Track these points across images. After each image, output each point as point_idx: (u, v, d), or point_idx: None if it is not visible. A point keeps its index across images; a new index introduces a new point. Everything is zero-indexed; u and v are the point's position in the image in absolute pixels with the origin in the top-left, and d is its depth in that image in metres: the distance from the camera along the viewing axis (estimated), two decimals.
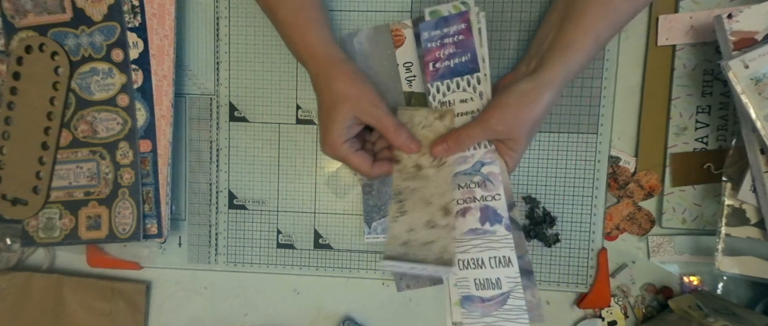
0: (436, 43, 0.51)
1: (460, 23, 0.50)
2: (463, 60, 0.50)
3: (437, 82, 0.51)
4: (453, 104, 0.50)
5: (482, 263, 0.44)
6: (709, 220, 0.54)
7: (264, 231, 0.60)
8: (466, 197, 0.46)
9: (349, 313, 0.60)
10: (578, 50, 0.45)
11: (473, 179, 0.46)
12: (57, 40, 0.55)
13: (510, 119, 0.45)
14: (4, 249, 0.61)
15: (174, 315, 0.61)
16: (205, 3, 0.58)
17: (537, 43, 0.50)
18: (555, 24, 0.48)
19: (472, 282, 0.44)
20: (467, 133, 0.47)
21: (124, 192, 0.56)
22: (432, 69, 0.51)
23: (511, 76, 0.50)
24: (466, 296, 0.44)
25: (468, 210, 0.46)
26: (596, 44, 0.46)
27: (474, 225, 0.45)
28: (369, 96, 0.47)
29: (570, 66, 0.45)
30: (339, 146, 0.48)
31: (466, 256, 0.44)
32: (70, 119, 0.56)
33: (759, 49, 0.46)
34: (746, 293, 0.55)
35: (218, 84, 0.58)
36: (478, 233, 0.45)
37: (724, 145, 0.53)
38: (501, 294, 0.44)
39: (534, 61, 0.48)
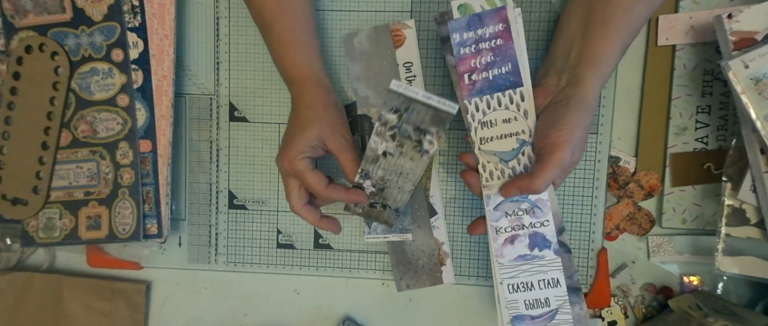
0: (471, 48, 0.45)
1: (498, 23, 0.44)
2: (503, 71, 0.45)
3: (476, 99, 0.45)
4: (495, 125, 0.45)
5: (532, 286, 0.45)
6: (709, 220, 0.54)
7: (264, 231, 0.60)
8: (514, 225, 0.45)
9: (349, 313, 0.60)
10: (608, 60, 0.45)
11: (521, 206, 0.46)
12: (57, 40, 0.55)
13: (578, 150, 0.44)
14: (4, 249, 0.61)
15: (174, 315, 0.61)
16: (205, 3, 0.58)
17: (561, 54, 0.48)
18: (578, 33, 0.46)
19: (522, 303, 0.45)
20: (543, 178, 0.43)
21: (124, 192, 0.56)
22: (468, 82, 0.45)
23: (543, 91, 0.46)
24: (517, 316, 0.45)
25: (517, 237, 0.45)
26: (622, 50, 0.46)
27: (523, 251, 0.45)
28: (343, 129, 0.49)
29: (603, 76, 0.45)
30: (297, 161, 0.47)
31: (515, 281, 0.45)
32: (70, 119, 0.56)
33: (759, 49, 0.46)
34: (746, 293, 0.55)
35: (218, 84, 0.58)
36: (527, 259, 0.46)
37: (724, 145, 0.53)
38: (549, 311, 0.45)
39: (564, 75, 0.46)
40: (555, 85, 0.47)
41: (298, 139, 0.47)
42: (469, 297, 0.58)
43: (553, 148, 0.43)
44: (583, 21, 0.46)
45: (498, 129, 0.45)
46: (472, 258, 0.58)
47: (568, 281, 0.46)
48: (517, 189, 0.45)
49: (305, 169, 0.47)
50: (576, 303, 0.46)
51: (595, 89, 0.45)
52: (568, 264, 0.46)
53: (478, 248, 0.58)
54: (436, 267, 0.57)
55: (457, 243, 0.58)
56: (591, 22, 0.46)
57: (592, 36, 0.45)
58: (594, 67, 0.45)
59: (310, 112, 0.48)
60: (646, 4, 0.45)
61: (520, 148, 0.45)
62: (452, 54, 0.46)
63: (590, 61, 0.45)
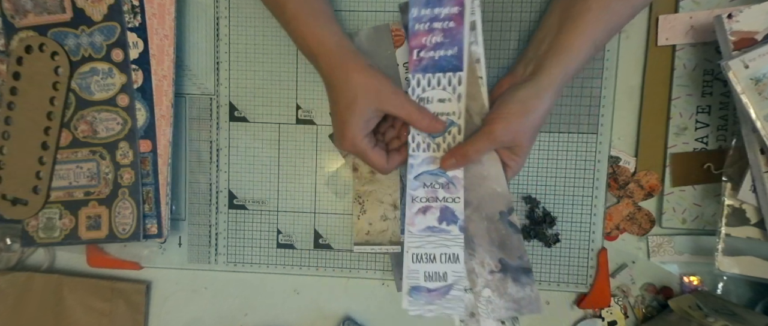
0: (425, 25, 0.48)
1: (454, 6, 0.47)
2: (448, 54, 0.48)
3: (419, 75, 0.48)
4: (431, 102, 0.48)
5: (433, 258, 0.47)
6: (709, 220, 0.54)
7: (264, 231, 0.60)
8: (429, 196, 0.48)
9: (349, 313, 0.60)
10: (575, 54, 0.45)
11: (438, 180, 0.48)
12: (57, 40, 0.55)
13: (514, 128, 0.46)
14: (4, 249, 0.61)
15: (174, 315, 0.61)
16: (205, 3, 0.58)
17: (534, 45, 0.50)
18: (553, 27, 0.48)
19: (422, 274, 0.47)
20: (474, 148, 0.47)
21: (124, 192, 0.56)
22: (416, 58, 0.48)
23: (510, 79, 0.50)
24: (415, 286, 0.47)
25: (429, 208, 0.47)
26: (594, 47, 0.46)
27: (432, 223, 0.47)
28: (388, 86, 0.47)
29: (568, 69, 0.46)
30: (359, 141, 0.47)
31: (420, 251, 0.47)
32: (70, 119, 0.56)
33: (759, 49, 0.46)
34: (746, 293, 0.55)
35: (218, 84, 0.58)
36: (435, 231, 0.48)
37: (724, 145, 0.53)
38: (445, 285, 0.47)
39: (532, 64, 0.48)
40: (521, 73, 0.49)
41: (351, 119, 0.47)
42: None
43: (489, 121, 0.46)
44: (561, 15, 0.47)
45: (433, 106, 0.48)
46: None
47: (519, 262, 0.48)
48: (452, 157, 0.47)
49: (367, 150, 0.48)
50: (528, 284, 0.48)
51: (555, 79, 0.45)
52: (518, 245, 0.49)
53: None
54: None
55: None
56: (567, 17, 0.46)
57: (564, 29, 0.46)
58: (558, 57, 0.46)
59: (350, 86, 0.47)
60: (626, 2, 0.45)
61: (448, 126, 0.48)
62: None
63: (557, 52, 0.46)
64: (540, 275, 0.57)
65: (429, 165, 0.48)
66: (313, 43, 0.48)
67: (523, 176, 0.56)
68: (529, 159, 0.56)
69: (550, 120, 0.55)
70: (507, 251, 0.50)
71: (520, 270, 0.49)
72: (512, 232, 0.49)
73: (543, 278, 0.57)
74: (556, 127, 0.55)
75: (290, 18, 0.49)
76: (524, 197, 0.56)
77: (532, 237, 0.56)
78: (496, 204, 0.50)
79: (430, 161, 0.49)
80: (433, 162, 0.48)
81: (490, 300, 0.49)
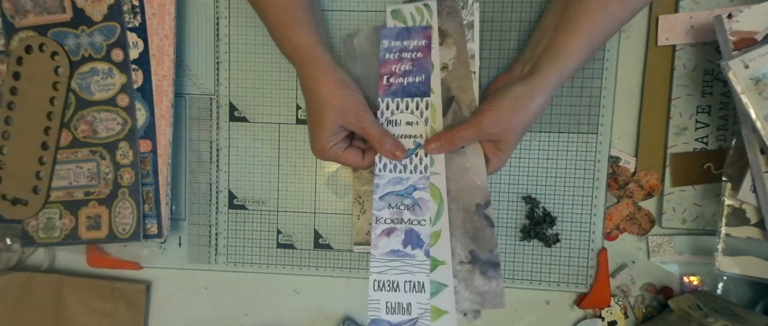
0: (395, 55, 0.52)
1: (422, 39, 0.51)
2: (416, 81, 0.51)
3: (388, 99, 0.51)
4: (399, 125, 0.51)
5: (397, 286, 0.45)
6: (709, 220, 0.54)
7: (264, 231, 0.60)
8: (393, 217, 0.47)
9: (349, 313, 0.60)
10: (572, 55, 0.45)
11: (404, 201, 0.48)
12: (57, 40, 0.55)
13: (503, 122, 0.46)
14: (4, 249, 0.61)
15: (174, 315, 0.61)
16: (205, 3, 0.58)
17: (532, 45, 0.50)
18: (550, 27, 0.48)
19: (384, 305, 0.44)
20: (460, 134, 0.47)
21: (124, 192, 0.56)
22: (385, 83, 0.51)
23: (506, 77, 0.51)
24: (375, 319, 0.44)
25: (393, 230, 0.47)
26: (590, 48, 0.46)
27: (396, 246, 0.46)
28: (354, 105, 0.48)
29: (563, 70, 0.46)
30: (328, 149, 0.49)
31: (382, 277, 0.45)
32: (70, 119, 0.56)
33: (759, 49, 0.46)
34: (746, 293, 0.55)
35: (218, 84, 0.58)
36: (399, 255, 0.46)
37: (724, 145, 0.53)
38: (409, 319, 0.44)
39: (529, 64, 0.48)
40: (518, 73, 0.49)
41: (319, 131, 0.48)
42: None
43: (479, 111, 0.47)
44: (558, 16, 0.47)
45: (401, 129, 0.50)
46: None
47: (488, 255, 0.50)
48: (437, 141, 0.48)
49: (338, 155, 0.49)
50: (494, 278, 0.49)
51: (550, 80, 0.46)
52: (490, 237, 0.50)
53: None
54: None
55: None
56: (564, 18, 0.46)
57: (561, 30, 0.46)
58: (554, 59, 0.46)
59: (318, 100, 0.48)
60: (622, 3, 0.45)
61: (415, 149, 0.50)
62: None
63: (553, 53, 0.46)
64: (540, 275, 0.57)
65: (395, 186, 0.48)
66: (289, 50, 0.49)
67: (523, 176, 0.56)
68: (529, 159, 0.56)
69: (550, 120, 0.55)
70: (479, 243, 0.50)
71: (488, 264, 0.50)
72: (486, 225, 0.50)
73: (543, 278, 0.57)
74: (556, 127, 0.55)
75: (271, 23, 0.49)
76: (524, 197, 0.56)
77: (532, 237, 0.56)
78: (475, 196, 0.51)
79: (396, 182, 0.49)
80: (399, 182, 0.49)
81: (456, 290, 0.49)
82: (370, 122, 0.48)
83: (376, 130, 0.48)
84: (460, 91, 0.52)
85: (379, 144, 0.48)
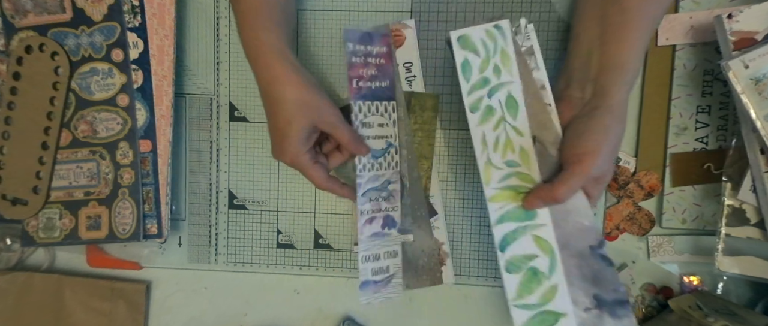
0: (361, 58, 0.51)
1: (383, 46, 0.52)
2: (382, 85, 0.52)
3: (359, 102, 0.50)
4: (372, 126, 0.51)
5: (378, 257, 0.52)
6: (709, 220, 0.54)
7: (264, 231, 0.60)
8: (374, 208, 0.52)
9: (349, 313, 0.60)
10: (632, 66, 0.44)
11: (381, 194, 0.52)
12: (57, 40, 0.55)
13: (604, 160, 0.44)
14: (4, 249, 0.61)
15: (174, 315, 0.61)
16: (205, 3, 0.58)
17: (580, 65, 0.47)
18: (595, 42, 0.46)
19: (370, 270, 0.52)
20: (566, 187, 0.43)
21: (124, 192, 0.56)
22: (355, 86, 0.50)
23: (567, 104, 0.47)
24: (365, 281, 0.51)
25: (375, 218, 0.52)
26: (643, 55, 0.46)
27: (377, 229, 0.52)
28: (325, 104, 0.47)
29: (629, 83, 0.45)
30: (300, 156, 0.47)
31: (368, 253, 0.52)
32: (70, 119, 0.56)
33: (759, 49, 0.46)
34: (746, 293, 0.55)
35: (218, 84, 0.58)
36: (379, 236, 0.52)
37: (724, 145, 0.53)
38: (387, 276, 0.52)
39: (588, 86, 0.46)
40: (580, 97, 0.46)
41: (290, 135, 0.46)
42: (469, 297, 0.58)
43: (579, 157, 0.43)
44: (599, 29, 0.45)
45: (374, 130, 0.51)
46: (472, 259, 0.58)
47: (614, 295, 0.46)
48: (539, 200, 0.45)
49: (307, 165, 0.48)
50: (624, 316, 0.46)
51: (622, 97, 0.44)
52: (611, 277, 0.47)
53: (478, 248, 0.58)
54: (437, 267, 0.56)
55: (458, 244, 0.58)
56: (607, 30, 0.45)
57: (610, 43, 0.44)
58: (617, 74, 0.44)
59: (286, 102, 0.46)
60: (659, 5, 0.45)
61: (387, 148, 0.52)
62: None
63: (612, 69, 0.44)
64: None
65: (373, 183, 0.52)
66: (253, 49, 0.47)
67: None
68: None
69: None
70: (601, 286, 0.47)
71: (616, 304, 0.47)
72: (605, 266, 0.47)
73: None
74: None
75: (240, 19, 0.48)
76: None
77: None
78: (586, 238, 0.47)
79: (375, 179, 0.52)
80: (376, 179, 0.52)
81: None
82: (340, 120, 0.48)
83: (348, 130, 0.48)
84: (540, 128, 0.47)
85: (350, 142, 0.48)
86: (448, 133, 0.57)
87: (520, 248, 0.46)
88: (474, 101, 0.47)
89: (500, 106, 0.46)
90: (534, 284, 0.46)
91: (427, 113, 0.56)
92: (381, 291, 0.52)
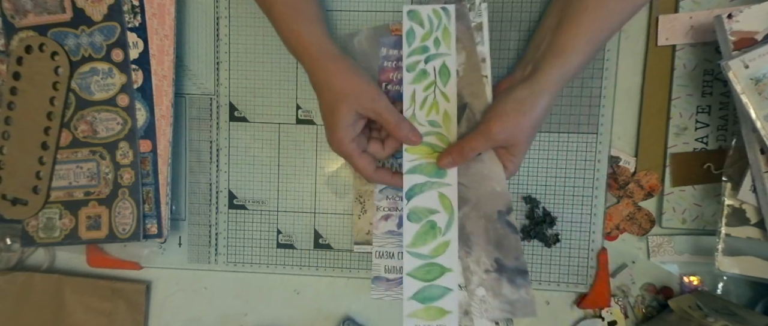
0: (392, 63, 0.54)
1: None
2: None
3: None
4: None
5: (392, 255, 0.54)
6: (709, 220, 0.54)
7: (264, 231, 0.60)
8: (390, 206, 0.54)
9: (349, 313, 0.60)
10: (573, 54, 0.45)
11: (398, 194, 0.54)
12: (57, 40, 0.55)
13: (511, 127, 0.46)
14: (4, 249, 0.61)
15: (174, 315, 0.61)
16: (205, 3, 0.58)
17: (533, 46, 0.50)
18: (551, 28, 0.48)
19: (383, 267, 0.54)
20: (470, 146, 0.47)
21: (124, 192, 0.56)
22: (383, 90, 0.53)
23: (509, 80, 0.50)
24: (377, 277, 0.54)
25: (390, 216, 0.54)
26: (592, 47, 0.46)
27: (392, 228, 0.54)
28: (368, 91, 0.47)
29: (565, 70, 0.46)
30: (346, 144, 0.48)
31: (382, 249, 0.54)
32: (70, 119, 0.56)
33: (759, 49, 0.46)
34: (746, 293, 0.55)
35: (218, 84, 0.58)
36: (394, 234, 0.54)
37: (724, 145, 0.53)
38: (400, 276, 0.53)
39: (530, 65, 0.48)
40: (520, 75, 0.49)
41: (336, 124, 0.47)
42: None
43: (486, 119, 0.47)
44: (558, 16, 0.47)
45: None
46: None
47: (515, 262, 0.51)
48: (449, 155, 0.49)
49: (354, 154, 0.49)
50: (523, 286, 0.51)
51: (552, 80, 0.45)
52: (515, 245, 0.51)
53: None
54: None
55: None
56: (564, 17, 0.46)
57: (561, 30, 0.46)
58: (556, 58, 0.46)
59: (331, 92, 0.47)
60: (623, 1, 0.45)
61: None
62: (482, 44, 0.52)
63: (554, 53, 0.46)
64: (540, 275, 0.57)
65: None
66: (296, 45, 0.49)
67: (523, 176, 0.56)
68: (529, 159, 0.56)
69: (550, 120, 0.55)
70: (503, 251, 0.51)
71: (515, 272, 0.51)
72: (510, 232, 0.51)
73: (543, 278, 0.57)
74: (556, 127, 0.55)
75: (276, 18, 0.49)
76: (524, 197, 0.56)
77: (532, 237, 0.56)
78: (496, 203, 0.51)
79: None
80: None
81: (484, 299, 0.51)
82: (386, 107, 0.47)
83: (393, 115, 0.48)
84: (473, 97, 0.51)
85: (396, 129, 0.48)
86: None
87: (424, 201, 0.50)
88: (412, 62, 0.51)
89: (434, 72, 0.51)
90: (430, 237, 0.50)
91: None
92: (393, 290, 0.54)
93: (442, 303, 0.50)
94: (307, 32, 0.48)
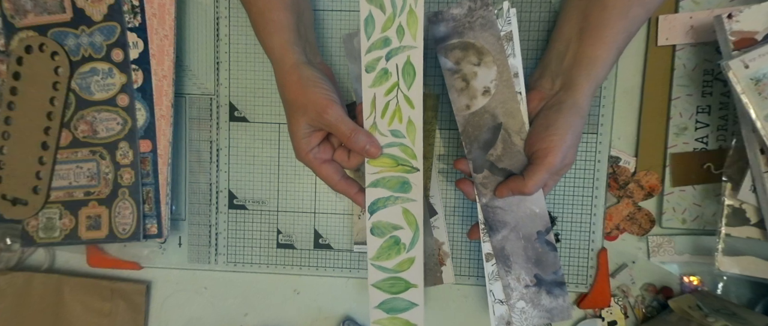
0: None
1: None
2: None
3: None
4: None
5: None
6: (709, 220, 0.54)
7: (264, 231, 0.60)
8: None
9: (349, 313, 0.60)
10: (603, 64, 0.45)
11: None
12: (57, 40, 0.55)
13: (567, 155, 0.45)
14: (4, 249, 0.61)
15: (174, 315, 0.61)
16: (205, 3, 0.58)
17: (556, 57, 0.48)
18: (573, 36, 0.47)
19: None
20: (533, 181, 0.45)
21: (124, 192, 0.56)
22: None
23: (538, 94, 0.48)
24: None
25: None
26: (618, 55, 0.46)
27: None
28: (318, 102, 0.44)
29: (597, 80, 0.45)
30: (303, 156, 0.47)
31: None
32: (70, 119, 0.56)
33: (759, 49, 0.46)
34: (746, 293, 0.55)
35: (218, 84, 0.58)
36: None
37: (724, 145, 0.53)
38: None
39: (559, 78, 0.47)
40: (549, 88, 0.48)
41: (291, 134, 0.47)
42: (469, 297, 0.58)
43: (545, 152, 0.45)
44: (579, 24, 0.46)
45: None
46: (472, 258, 0.58)
47: (553, 276, 0.49)
48: (509, 190, 0.47)
49: (312, 164, 0.48)
50: (560, 296, 0.49)
51: (588, 94, 0.45)
52: (553, 261, 0.49)
53: (477, 248, 0.58)
54: (436, 267, 0.57)
55: (457, 244, 0.58)
56: (587, 26, 0.46)
57: (587, 39, 0.45)
58: (588, 70, 0.45)
59: (285, 103, 0.47)
60: (643, 6, 0.45)
61: None
62: (446, 56, 0.48)
63: (584, 65, 0.45)
64: None
65: None
66: (267, 50, 0.48)
67: None
68: None
69: None
70: (542, 267, 0.49)
71: (554, 284, 0.49)
72: (549, 250, 0.49)
73: None
74: None
75: (253, 27, 0.49)
76: None
77: None
78: (535, 224, 0.49)
79: None
80: None
81: (524, 310, 0.50)
82: (338, 118, 0.44)
83: (347, 126, 0.45)
84: (507, 116, 0.47)
85: (351, 140, 0.45)
86: (448, 132, 0.57)
87: (387, 216, 0.48)
88: (371, 61, 0.46)
89: (397, 71, 0.45)
90: (393, 252, 0.48)
91: (428, 113, 0.56)
92: None
93: (408, 315, 0.49)
94: (270, 42, 0.47)
